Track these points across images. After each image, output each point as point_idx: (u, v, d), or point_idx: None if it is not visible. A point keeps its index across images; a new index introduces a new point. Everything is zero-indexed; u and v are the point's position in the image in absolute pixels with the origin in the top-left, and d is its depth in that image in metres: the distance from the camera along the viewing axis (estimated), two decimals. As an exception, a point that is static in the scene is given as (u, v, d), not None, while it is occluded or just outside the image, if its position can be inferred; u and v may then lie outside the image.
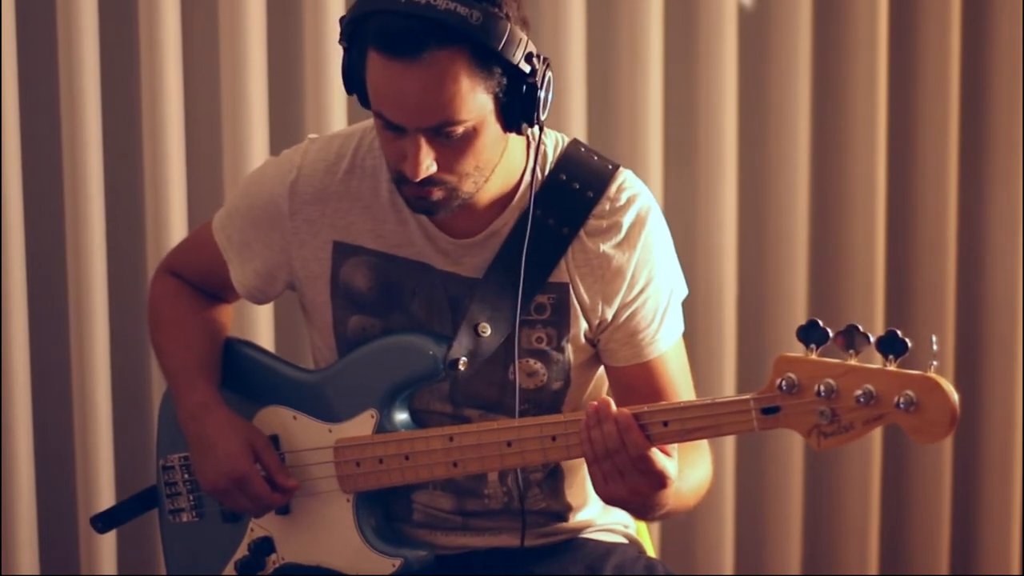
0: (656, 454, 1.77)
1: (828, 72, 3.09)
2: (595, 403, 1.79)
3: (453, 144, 1.83)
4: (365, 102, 1.88)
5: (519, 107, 1.84)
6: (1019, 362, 3.15)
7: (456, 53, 1.78)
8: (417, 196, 1.88)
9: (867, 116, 3.06)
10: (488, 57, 1.79)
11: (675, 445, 1.80)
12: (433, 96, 1.79)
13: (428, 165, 1.83)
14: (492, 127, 1.84)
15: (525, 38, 1.81)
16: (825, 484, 3.19)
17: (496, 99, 1.82)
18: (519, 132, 1.87)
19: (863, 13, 3.04)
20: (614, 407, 1.78)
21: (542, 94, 1.84)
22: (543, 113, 1.86)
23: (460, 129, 1.81)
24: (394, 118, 1.82)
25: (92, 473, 2.79)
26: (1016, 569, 3.20)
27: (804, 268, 3.10)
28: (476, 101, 1.81)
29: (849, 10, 3.06)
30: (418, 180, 1.83)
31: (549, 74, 1.85)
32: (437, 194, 1.86)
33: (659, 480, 1.78)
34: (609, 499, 1.82)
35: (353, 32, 1.84)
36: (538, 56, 1.83)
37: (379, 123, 1.86)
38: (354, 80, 1.87)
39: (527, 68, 1.81)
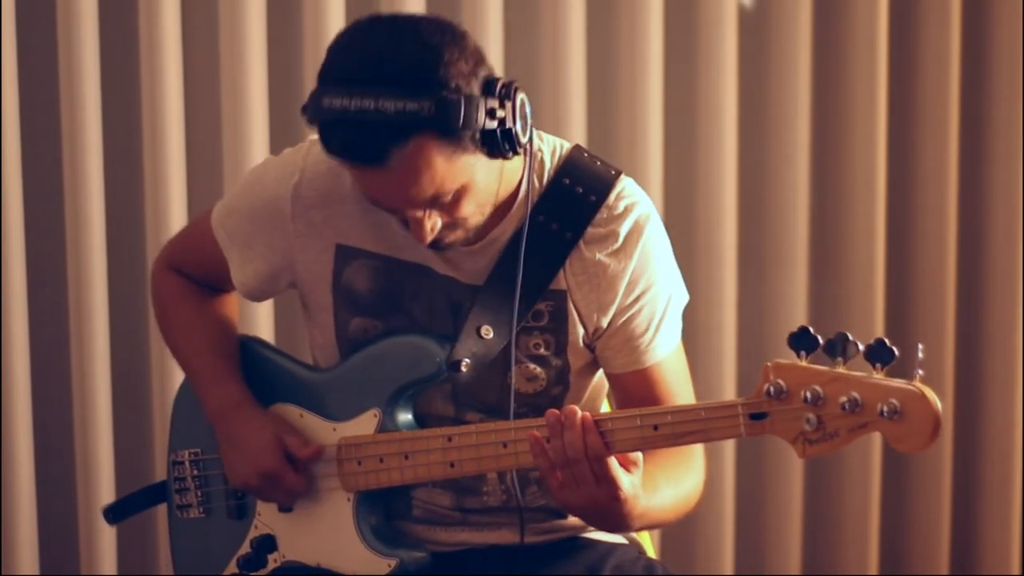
0: (612, 463, 1.77)
1: (828, 72, 3.09)
2: (554, 411, 1.78)
3: (451, 201, 1.82)
4: None
5: (500, 147, 1.80)
6: (1019, 362, 3.15)
7: (421, 143, 1.74)
8: (428, 244, 1.89)
9: (867, 116, 3.06)
10: (454, 133, 1.75)
11: (640, 462, 1.79)
12: (415, 185, 1.77)
13: (432, 226, 1.83)
14: (482, 170, 1.82)
15: (481, 97, 1.75)
16: (825, 484, 3.19)
17: (477, 148, 1.79)
18: (509, 158, 1.84)
19: (863, 13, 3.04)
20: (579, 414, 1.77)
21: (518, 124, 1.80)
22: (524, 136, 1.82)
23: (451, 194, 1.81)
24: (384, 206, 1.84)
25: (92, 472, 2.80)
26: (1016, 569, 3.20)
27: (804, 268, 3.10)
28: (458, 167, 1.78)
29: (849, 10, 3.06)
30: (427, 243, 1.85)
31: (520, 96, 1.81)
32: (448, 238, 1.88)
33: (611, 488, 1.77)
34: (565, 505, 1.82)
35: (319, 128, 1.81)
36: (504, 86, 1.79)
37: None
38: None
39: (493, 122, 1.77)
